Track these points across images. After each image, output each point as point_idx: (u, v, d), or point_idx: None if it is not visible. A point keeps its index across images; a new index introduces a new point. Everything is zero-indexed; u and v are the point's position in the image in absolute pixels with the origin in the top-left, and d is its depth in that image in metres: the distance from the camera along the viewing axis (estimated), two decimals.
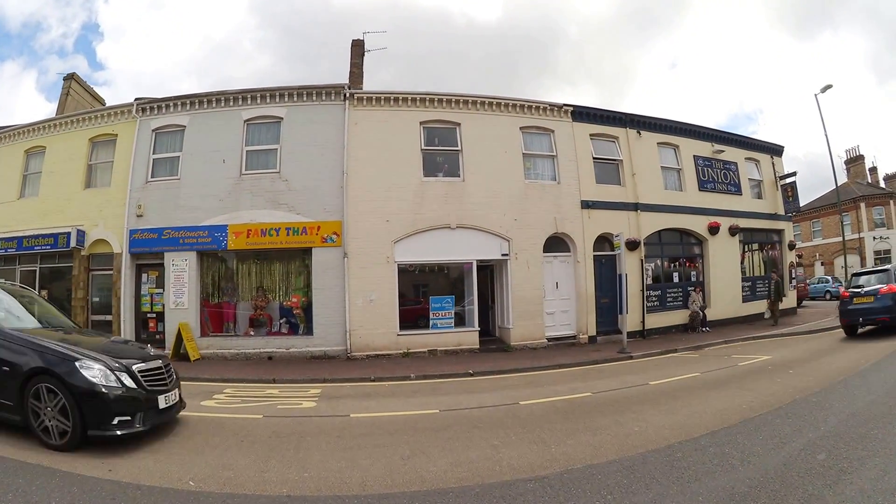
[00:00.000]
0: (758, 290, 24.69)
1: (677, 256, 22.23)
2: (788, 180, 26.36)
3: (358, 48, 21.61)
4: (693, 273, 22.45)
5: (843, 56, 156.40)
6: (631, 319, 19.18)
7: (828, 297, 35.24)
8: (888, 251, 36.17)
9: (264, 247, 17.51)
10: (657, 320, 20.34)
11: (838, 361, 12.42)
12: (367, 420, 8.76)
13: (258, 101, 18.22)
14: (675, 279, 21.82)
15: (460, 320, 18.12)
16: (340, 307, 17.00)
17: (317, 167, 17.67)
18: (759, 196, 25.57)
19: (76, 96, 23.02)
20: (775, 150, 26.90)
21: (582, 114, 20.20)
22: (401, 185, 17.66)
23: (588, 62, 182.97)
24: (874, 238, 37.29)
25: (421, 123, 18.32)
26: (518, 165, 18.74)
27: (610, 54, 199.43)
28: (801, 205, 25.75)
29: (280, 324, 17.88)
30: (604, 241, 19.67)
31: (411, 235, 17.50)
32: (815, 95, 26.89)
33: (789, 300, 26.03)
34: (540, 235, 18.48)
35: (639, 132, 21.29)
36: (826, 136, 27.98)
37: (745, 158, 25.12)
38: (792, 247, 26.77)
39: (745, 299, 23.81)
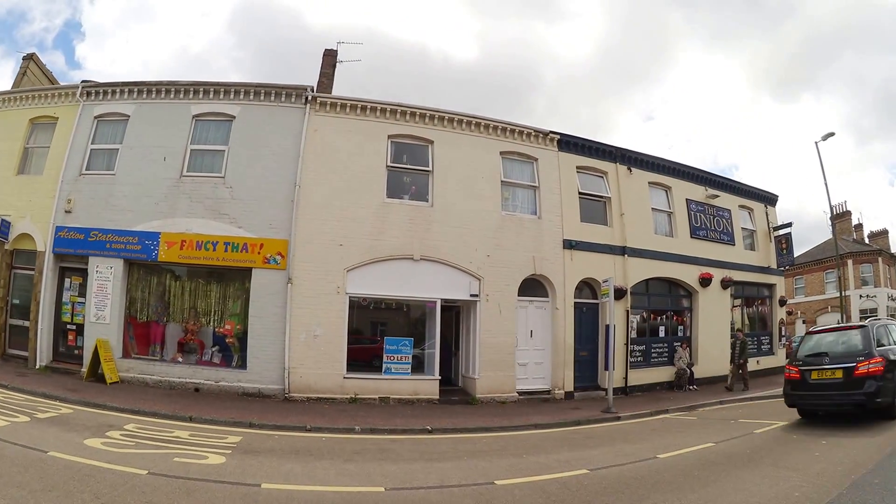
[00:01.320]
0: (748, 347, 22.34)
1: (664, 309, 19.87)
2: (783, 231, 24.38)
3: (330, 58, 19.48)
4: (680, 328, 20.06)
5: (823, 118, 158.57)
6: (614, 374, 16.72)
7: None
8: (875, 310, 34.41)
9: (198, 262, 15.00)
10: (641, 376, 17.88)
11: (872, 424, 10.30)
12: (282, 497, 6.30)
13: (210, 95, 15.92)
14: (661, 333, 19.43)
15: (419, 365, 15.55)
16: (280, 340, 14.41)
17: (266, 176, 15.29)
18: (752, 247, 23.52)
19: (32, 78, 20.36)
20: (770, 200, 24.96)
21: (569, 143, 17.98)
22: (360, 205, 15.19)
23: (563, 109, 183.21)
24: (861, 296, 35.44)
25: (389, 137, 15.96)
26: (495, 194, 16.38)
27: (585, 103, 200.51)
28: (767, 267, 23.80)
29: (212, 352, 15.27)
30: (585, 286, 17.31)
31: (368, 264, 14.96)
32: (816, 143, 25.22)
33: (778, 358, 23.77)
34: (515, 276, 16.04)
35: (629, 169, 19.12)
36: (826, 184, 26.17)
37: (739, 206, 23.16)
38: (783, 303, 24.63)
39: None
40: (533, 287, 16.51)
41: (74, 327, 15.53)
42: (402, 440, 10.38)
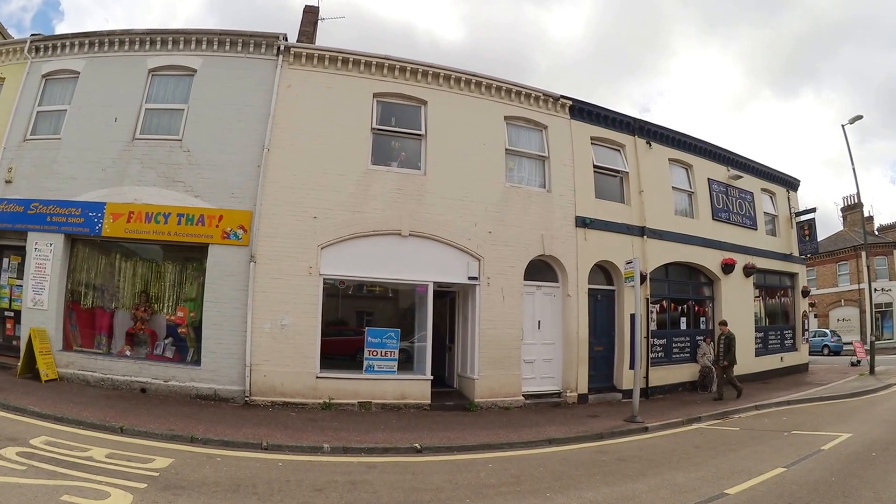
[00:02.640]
0: (770, 342, 19.98)
1: (685, 298, 17.34)
2: (806, 217, 21.97)
3: (311, 15, 17.03)
4: (702, 319, 17.51)
5: (823, 114, 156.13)
6: (631, 373, 14.17)
7: (826, 352, 30.89)
8: (889, 304, 31.94)
9: (147, 237, 12.44)
10: (663, 375, 15.36)
11: None
12: None
13: (169, 46, 13.28)
14: (683, 325, 16.84)
15: (407, 361, 12.93)
16: (240, 331, 11.77)
17: (230, 138, 12.66)
18: (774, 233, 21.08)
19: None
20: (792, 184, 22.55)
21: (583, 111, 15.37)
22: (339, 172, 12.55)
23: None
24: (875, 290, 32.89)
25: (375, 96, 13.27)
26: (499, 163, 13.75)
27: (579, 92, 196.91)
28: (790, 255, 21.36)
29: (164, 345, 12.70)
30: (599, 271, 14.75)
31: (346, 240, 12.31)
32: (843, 126, 22.56)
33: (801, 355, 21.33)
34: (521, 256, 13.43)
35: (649, 143, 16.59)
36: (854, 171, 23.69)
37: (762, 189, 20.62)
38: (806, 293, 22.22)
39: (757, 352, 18.96)
40: (541, 270, 13.96)
41: (12, 314, 13.02)
42: (383, 465, 7.86)
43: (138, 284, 12.99)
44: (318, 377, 11.73)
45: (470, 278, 12.90)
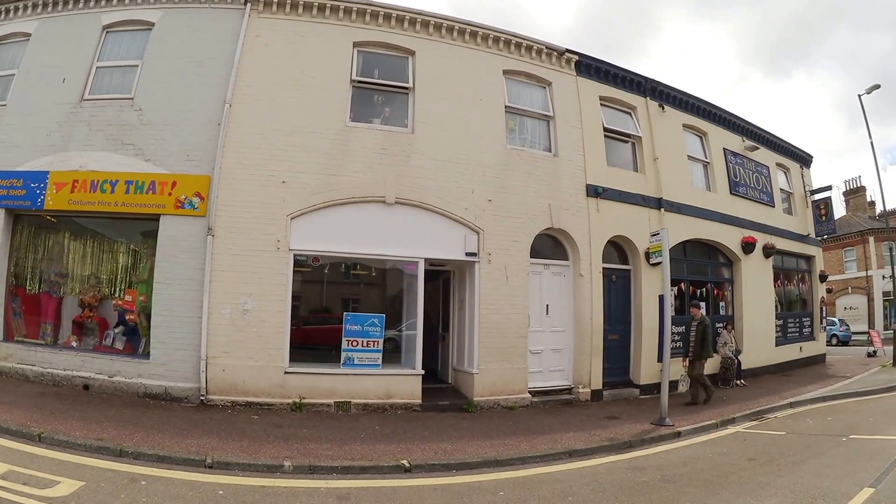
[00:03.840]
0: (789, 331, 18.03)
1: (703, 280, 15.27)
2: (822, 195, 19.97)
3: None
4: (721, 304, 15.51)
5: (816, 97, 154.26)
6: (649, 366, 12.25)
7: (834, 341, 28.73)
8: None
9: (92, 208, 10.35)
10: (681, 368, 13.22)
11: None
12: None
13: (126, 0, 11.23)
14: (702, 311, 14.77)
15: (393, 353, 10.84)
16: (195, 317, 9.67)
17: (188, 93, 10.58)
18: (790, 212, 19.03)
19: None
20: (805, 160, 20.57)
21: (590, 68, 13.28)
22: (313, 129, 10.39)
23: None
24: (883, 277, 30.97)
25: (355, 45, 11.09)
26: (498, 122, 11.62)
27: None
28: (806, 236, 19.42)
29: (114, 334, 10.61)
30: (612, 249, 12.66)
31: (321, 209, 10.14)
32: (860, 96, 20.58)
33: (819, 344, 19.40)
34: (526, 229, 11.30)
35: (661, 106, 14.52)
36: (872, 144, 21.41)
37: (776, 164, 18.57)
38: (823, 278, 20.24)
39: (776, 342, 17.01)
40: (549, 246, 11.89)
41: None
42: (359, 493, 5.83)
43: (89, 266, 10.96)
44: (286, 372, 9.60)
45: (467, 254, 10.73)
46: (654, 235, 10.38)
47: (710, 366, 14.01)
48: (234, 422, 8.46)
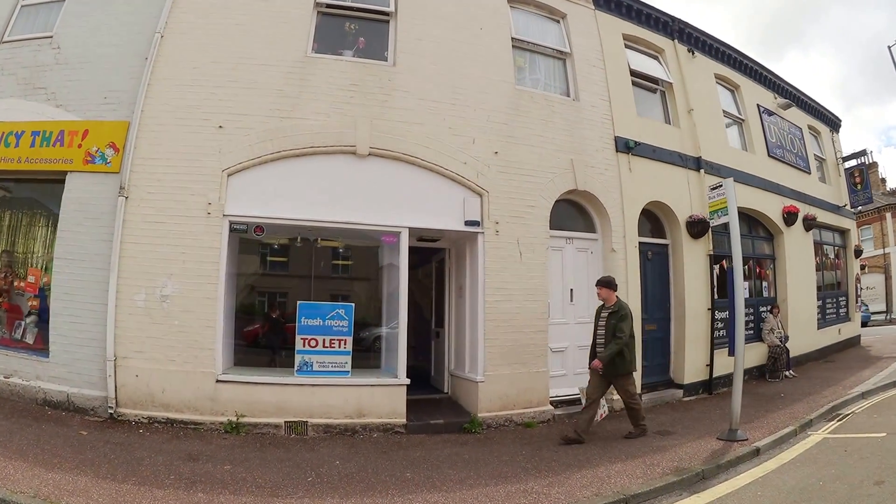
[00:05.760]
0: (828, 311, 15.30)
1: (746, 256, 12.41)
2: (856, 162, 17.15)
3: None
4: (764, 284, 12.71)
5: (810, 78, 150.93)
6: (694, 362, 9.51)
7: None
8: None
9: None
10: (727, 361, 10.40)
11: None
12: None
13: None
14: (746, 293, 12.01)
15: (366, 356, 8.15)
16: (101, 304, 6.90)
17: (113, 25, 7.91)
18: (824, 180, 16.16)
19: None
20: (834, 124, 17.73)
21: (610, 1, 10.24)
22: (263, 62, 7.46)
23: None
24: None
25: None
26: (503, 58, 8.62)
27: None
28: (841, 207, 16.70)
29: (24, 325, 7.80)
30: (645, 219, 9.71)
31: (269, 162, 7.19)
32: (889, 48, 17.79)
33: (855, 325, 16.69)
34: (545, 191, 8.32)
35: (691, 51, 11.60)
36: None
37: (808, 126, 15.66)
38: (858, 253, 17.49)
39: (818, 324, 14.27)
40: (570, 215, 8.96)
41: None
42: None
43: (4, 240, 8.26)
44: (218, 381, 6.74)
45: (468, 223, 7.71)
46: (714, 189, 7.56)
47: (758, 355, 11.36)
48: (134, 448, 5.74)
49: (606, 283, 7.10)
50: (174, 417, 6.66)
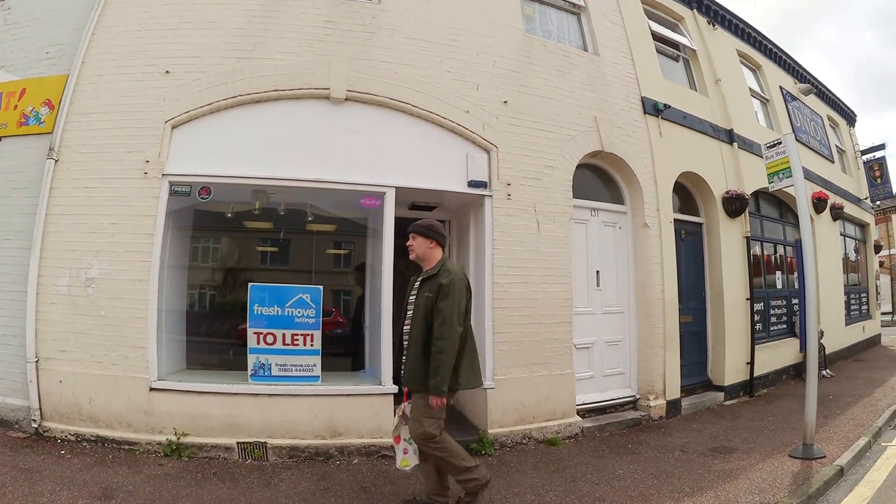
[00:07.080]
0: (852, 308, 13.71)
1: (779, 241, 10.82)
2: (876, 155, 15.74)
3: None
4: (795, 276, 11.12)
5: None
6: (735, 360, 7.96)
7: None
8: None
9: None
10: (766, 358, 8.76)
11: None
12: None
13: None
14: (778, 283, 10.37)
15: (341, 355, 6.48)
16: (21, 291, 5.17)
17: None
18: (845, 171, 14.67)
19: None
20: (851, 118, 16.34)
21: None
22: (220, 0, 5.72)
23: None
24: None
25: None
26: (511, 2, 6.92)
27: None
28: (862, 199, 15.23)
29: None
30: (677, 194, 8.05)
31: (223, 110, 5.48)
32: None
33: (875, 323, 15.13)
34: (565, 150, 6.59)
35: (711, 23, 10.06)
36: None
37: (827, 116, 14.22)
38: (878, 249, 16.06)
39: (845, 321, 12.75)
40: (594, 183, 7.26)
41: None
42: None
43: None
44: (152, 388, 5.00)
45: (472, 184, 5.92)
46: (771, 147, 5.91)
47: (792, 353, 9.72)
48: (41, 478, 4.12)
49: (425, 231, 4.06)
50: (104, 435, 4.95)
